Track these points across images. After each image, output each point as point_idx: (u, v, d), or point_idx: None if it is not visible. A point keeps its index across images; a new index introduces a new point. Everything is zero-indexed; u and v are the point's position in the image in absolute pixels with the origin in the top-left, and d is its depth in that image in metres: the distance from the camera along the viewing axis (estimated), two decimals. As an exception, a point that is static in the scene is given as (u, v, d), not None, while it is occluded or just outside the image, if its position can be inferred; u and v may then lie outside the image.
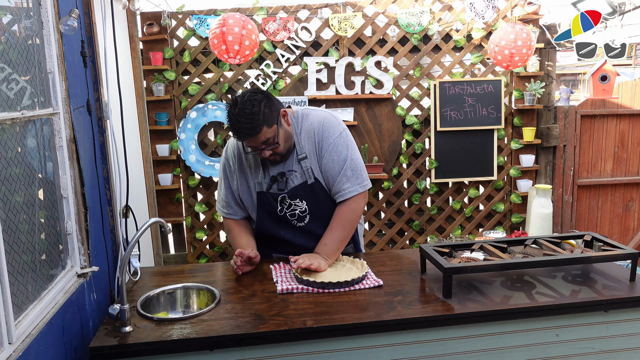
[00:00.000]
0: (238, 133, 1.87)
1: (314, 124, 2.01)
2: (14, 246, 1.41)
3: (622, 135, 4.35)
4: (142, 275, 2.05)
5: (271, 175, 2.02)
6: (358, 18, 3.88)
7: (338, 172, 1.99)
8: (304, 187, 2.02)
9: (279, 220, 2.08)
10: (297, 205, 2.03)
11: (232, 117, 1.87)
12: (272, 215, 2.07)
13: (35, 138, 1.62)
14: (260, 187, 2.04)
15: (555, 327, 1.69)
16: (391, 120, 4.10)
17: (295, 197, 2.02)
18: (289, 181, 2.02)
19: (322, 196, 2.04)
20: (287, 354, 1.57)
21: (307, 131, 2.01)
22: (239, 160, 2.09)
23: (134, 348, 1.49)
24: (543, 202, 4.01)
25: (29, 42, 1.63)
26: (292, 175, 2.02)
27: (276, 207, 2.04)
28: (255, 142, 1.90)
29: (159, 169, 4.07)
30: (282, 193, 2.02)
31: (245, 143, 1.93)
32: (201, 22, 3.84)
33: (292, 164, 2.02)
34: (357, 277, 1.84)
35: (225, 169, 2.13)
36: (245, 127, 1.84)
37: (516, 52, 3.58)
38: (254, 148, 1.93)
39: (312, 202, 2.04)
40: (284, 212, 2.05)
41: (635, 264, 1.83)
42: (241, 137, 1.89)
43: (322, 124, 2.00)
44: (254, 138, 1.88)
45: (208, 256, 4.21)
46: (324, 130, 2.00)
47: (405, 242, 4.37)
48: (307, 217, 2.06)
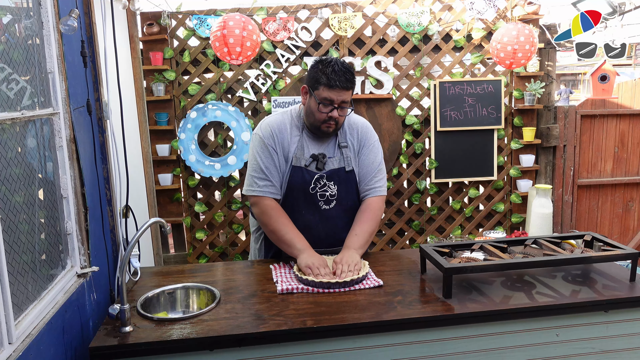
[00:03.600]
0: (341, 78, 1.94)
1: (358, 122, 2.20)
2: (14, 246, 1.41)
3: (622, 135, 4.35)
4: (142, 275, 2.05)
5: (312, 153, 2.08)
6: (358, 18, 3.88)
7: (373, 170, 2.16)
8: (340, 172, 2.11)
9: (305, 199, 2.10)
10: (330, 187, 2.10)
11: (336, 63, 1.96)
12: (301, 191, 2.09)
13: (35, 138, 1.62)
14: (298, 162, 2.06)
15: (555, 327, 1.69)
16: (391, 120, 4.10)
17: (330, 179, 2.10)
18: (328, 163, 2.10)
19: (353, 186, 2.15)
20: (287, 354, 1.57)
21: (351, 126, 2.17)
22: (280, 135, 2.07)
23: (134, 348, 1.49)
24: (543, 202, 4.01)
25: (29, 42, 1.63)
26: (331, 160, 2.11)
27: (310, 183, 2.08)
28: (342, 96, 1.97)
29: (159, 169, 4.07)
30: (319, 172, 2.08)
31: (335, 93, 1.96)
32: (201, 22, 3.84)
33: (332, 149, 2.12)
34: (357, 277, 1.84)
35: (267, 147, 2.06)
36: (348, 76, 1.96)
37: (519, 48, 3.56)
38: (329, 102, 1.97)
39: (343, 189, 2.12)
40: (316, 190, 2.09)
41: (635, 264, 1.83)
42: (342, 82, 1.95)
43: (365, 125, 2.21)
44: (345, 92, 1.97)
45: (208, 256, 4.21)
46: (368, 131, 2.20)
47: (405, 242, 4.37)
48: (334, 201, 2.12)
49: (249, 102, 4.04)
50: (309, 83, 2.03)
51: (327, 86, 1.95)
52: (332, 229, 2.14)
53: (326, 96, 1.96)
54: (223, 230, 4.21)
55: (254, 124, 4.01)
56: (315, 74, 1.99)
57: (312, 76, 2.01)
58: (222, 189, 4.12)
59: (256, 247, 2.30)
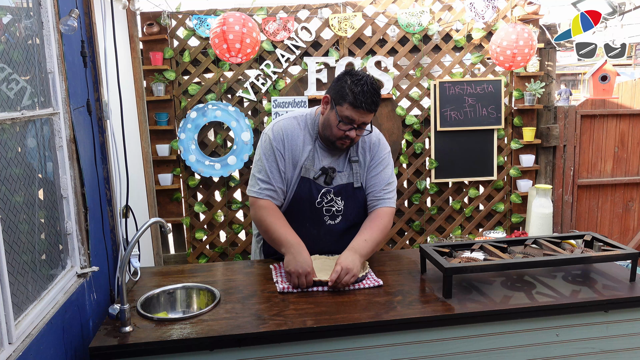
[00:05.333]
0: (368, 100, 1.86)
1: (371, 135, 2.09)
2: (14, 246, 1.41)
3: (622, 135, 4.35)
4: (142, 275, 2.05)
5: (322, 167, 2.03)
6: (358, 18, 3.88)
7: (384, 183, 2.08)
8: (349, 188, 2.06)
9: (311, 212, 2.05)
10: (337, 203, 2.06)
11: (366, 83, 1.87)
12: (307, 204, 2.04)
13: (35, 138, 1.62)
14: (307, 173, 2.02)
15: (555, 327, 1.69)
16: (391, 120, 4.10)
17: (338, 195, 2.05)
18: (336, 178, 2.05)
19: (360, 202, 2.10)
20: (287, 354, 1.57)
21: (363, 139, 2.08)
22: (291, 142, 2.02)
23: (134, 348, 1.49)
24: (543, 202, 4.01)
25: (29, 42, 1.63)
26: (340, 174, 2.06)
27: (316, 197, 2.03)
28: (365, 118, 1.91)
29: (159, 169, 4.07)
30: (327, 187, 2.04)
31: (358, 114, 1.89)
32: (201, 22, 3.84)
33: (343, 163, 2.07)
34: (358, 277, 1.84)
35: (275, 150, 2.01)
36: (375, 99, 1.88)
37: (518, 52, 3.58)
38: (350, 121, 1.90)
39: (350, 204, 2.07)
40: (322, 205, 2.05)
41: (635, 264, 1.83)
42: (368, 105, 1.87)
43: (378, 138, 2.13)
44: (369, 114, 1.91)
45: (208, 256, 4.21)
46: (380, 144, 2.11)
47: (405, 242, 4.37)
48: (339, 216, 2.08)
49: (249, 102, 4.04)
50: (334, 95, 1.92)
51: (352, 105, 1.86)
52: (335, 244, 2.07)
53: (348, 115, 1.88)
54: (223, 230, 4.21)
55: (254, 123, 4.01)
56: (342, 88, 1.88)
57: (338, 90, 1.90)
58: (222, 189, 4.12)
59: (257, 247, 2.30)
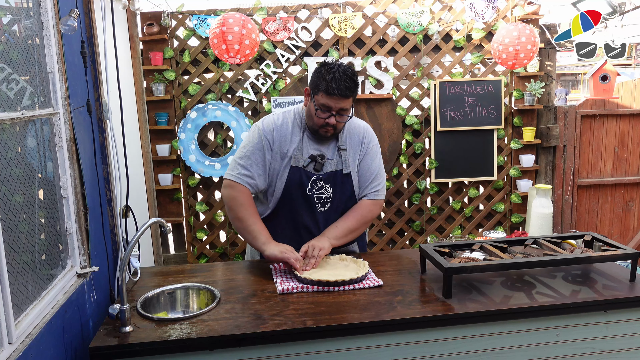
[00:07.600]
0: (340, 86, 1.91)
1: (360, 126, 2.18)
2: (14, 246, 1.41)
3: (622, 135, 4.35)
4: (142, 275, 2.05)
5: (310, 154, 2.07)
6: (358, 18, 3.88)
7: (372, 173, 2.14)
8: (337, 175, 2.10)
9: (303, 200, 2.10)
10: (326, 190, 2.10)
11: (338, 70, 1.92)
12: (299, 193, 2.08)
13: (35, 138, 1.62)
14: (297, 162, 2.06)
15: (555, 327, 1.69)
16: (391, 120, 4.10)
17: (327, 182, 2.09)
18: (326, 165, 2.09)
19: (349, 189, 2.13)
20: (287, 354, 1.57)
21: (351, 130, 2.15)
22: (281, 133, 2.07)
23: (134, 348, 1.49)
24: (543, 202, 4.01)
25: (29, 42, 1.63)
26: (329, 162, 2.09)
27: (307, 185, 2.07)
28: (341, 104, 1.95)
29: (159, 169, 4.07)
30: (317, 174, 2.07)
31: (333, 100, 1.94)
32: (201, 22, 3.84)
33: (332, 151, 2.11)
34: (357, 276, 1.84)
35: (262, 140, 2.06)
36: (348, 84, 1.93)
37: (521, 48, 3.57)
38: (327, 109, 1.95)
39: (338, 191, 2.12)
40: (313, 192, 2.08)
41: (635, 264, 1.83)
42: (341, 91, 1.92)
43: (366, 129, 2.20)
44: (344, 100, 1.94)
45: (208, 256, 4.21)
46: (367, 135, 2.17)
47: (405, 242, 4.37)
48: (329, 204, 2.12)
49: (249, 102, 4.04)
50: (311, 86, 2.01)
51: (325, 93, 1.93)
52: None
53: (324, 103, 1.95)
54: (223, 230, 4.21)
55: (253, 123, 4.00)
56: (317, 78, 1.96)
57: (314, 80, 1.98)
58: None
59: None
